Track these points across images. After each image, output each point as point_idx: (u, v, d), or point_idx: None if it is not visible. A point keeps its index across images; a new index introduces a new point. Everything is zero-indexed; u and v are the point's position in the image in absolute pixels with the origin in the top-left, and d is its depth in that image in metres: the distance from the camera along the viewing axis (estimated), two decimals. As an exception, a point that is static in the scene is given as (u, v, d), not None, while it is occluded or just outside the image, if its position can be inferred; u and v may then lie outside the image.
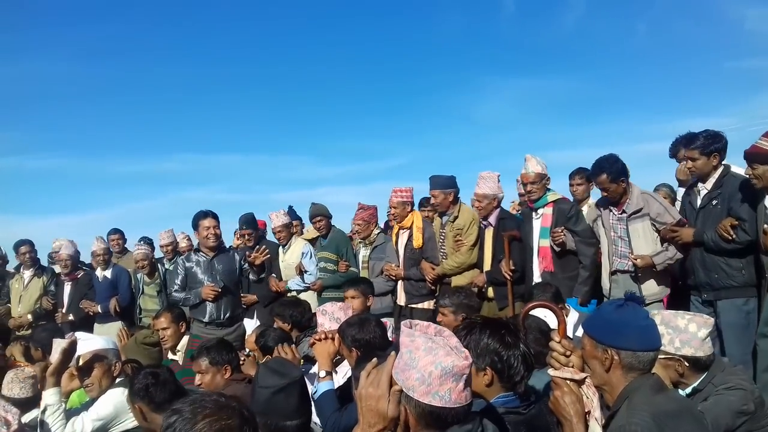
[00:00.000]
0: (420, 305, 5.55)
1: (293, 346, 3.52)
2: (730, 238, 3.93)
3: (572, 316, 3.39)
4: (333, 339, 3.04)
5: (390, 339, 3.40)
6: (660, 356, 2.72)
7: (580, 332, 2.53)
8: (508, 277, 4.87)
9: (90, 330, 6.24)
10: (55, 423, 3.15)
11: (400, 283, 5.74)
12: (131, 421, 3.28)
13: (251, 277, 5.49)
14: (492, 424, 1.63)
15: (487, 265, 5.18)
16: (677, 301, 4.42)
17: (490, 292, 5.17)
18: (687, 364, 2.75)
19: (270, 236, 7.33)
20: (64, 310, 7.05)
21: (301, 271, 6.35)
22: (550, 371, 2.03)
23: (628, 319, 1.99)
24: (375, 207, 6.28)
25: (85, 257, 7.78)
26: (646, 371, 1.99)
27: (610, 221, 4.58)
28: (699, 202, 4.26)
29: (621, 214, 4.52)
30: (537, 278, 4.88)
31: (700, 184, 4.28)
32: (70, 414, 3.28)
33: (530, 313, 2.86)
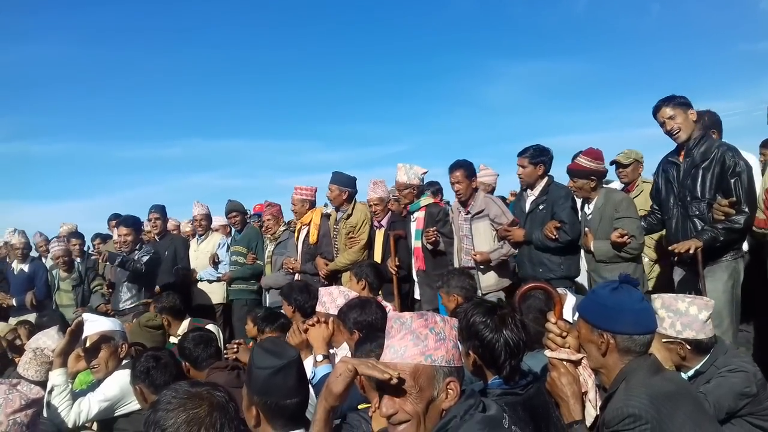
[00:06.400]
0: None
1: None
2: (553, 237, 4.53)
3: (570, 300, 3.39)
4: (327, 323, 3.05)
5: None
6: (662, 340, 2.72)
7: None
8: (393, 272, 5.26)
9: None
10: (61, 404, 3.18)
11: (297, 276, 6.06)
12: (137, 403, 3.33)
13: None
14: (495, 404, 1.63)
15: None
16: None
17: None
18: (689, 347, 2.75)
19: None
20: None
21: (214, 262, 6.77)
22: (547, 352, 2.03)
23: (623, 303, 1.98)
24: (279, 205, 6.75)
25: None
26: (642, 353, 1.98)
27: (459, 221, 5.17)
28: (527, 207, 4.86)
29: (467, 214, 5.08)
30: (414, 276, 5.39)
31: (528, 191, 4.90)
32: (76, 395, 3.32)
33: (532, 293, 2.87)
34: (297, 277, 6.04)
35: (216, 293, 6.85)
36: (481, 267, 4.94)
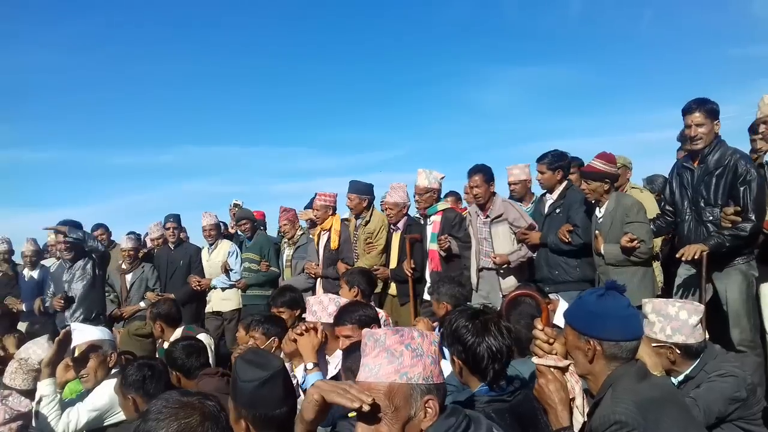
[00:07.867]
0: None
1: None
2: (566, 241, 4.64)
3: (562, 306, 3.39)
4: (315, 331, 3.03)
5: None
6: (652, 344, 2.72)
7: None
8: (409, 274, 5.39)
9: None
10: (50, 414, 3.17)
11: (319, 280, 6.18)
12: (126, 412, 3.31)
13: None
14: (485, 420, 1.60)
15: (392, 264, 5.71)
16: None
17: (393, 289, 5.73)
18: (678, 352, 2.76)
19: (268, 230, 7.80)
20: None
21: (226, 270, 6.75)
22: (534, 359, 2.02)
23: (610, 310, 1.98)
24: (294, 209, 6.88)
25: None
26: (629, 359, 1.98)
27: (478, 224, 5.24)
28: (546, 210, 4.97)
29: (486, 218, 5.17)
30: (427, 278, 5.43)
31: (547, 195, 5.03)
32: (65, 405, 3.30)
33: (524, 299, 2.86)
34: (319, 281, 6.14)
35: (232, 300, 6.84)
36: (501, 270, 5.04)
